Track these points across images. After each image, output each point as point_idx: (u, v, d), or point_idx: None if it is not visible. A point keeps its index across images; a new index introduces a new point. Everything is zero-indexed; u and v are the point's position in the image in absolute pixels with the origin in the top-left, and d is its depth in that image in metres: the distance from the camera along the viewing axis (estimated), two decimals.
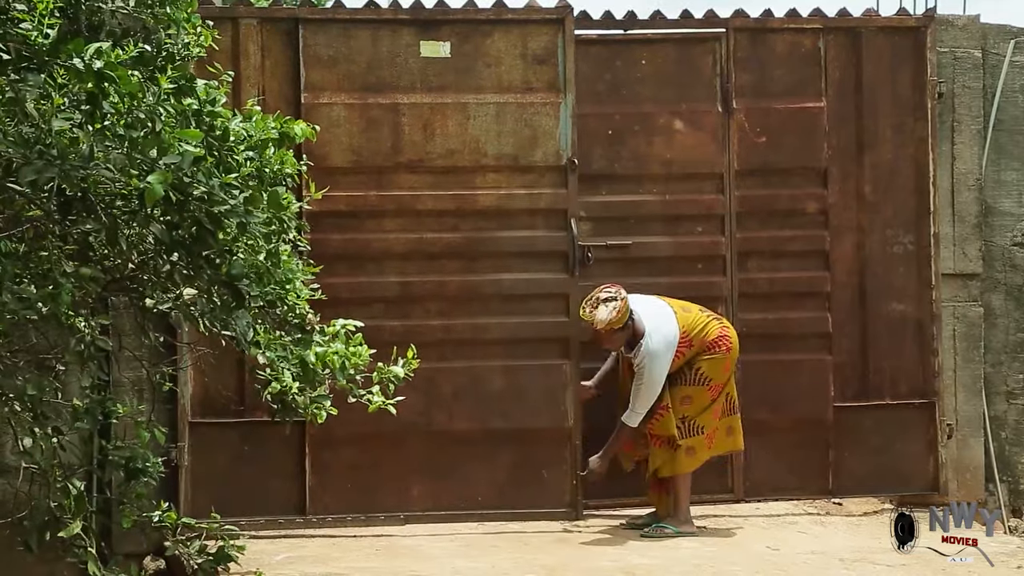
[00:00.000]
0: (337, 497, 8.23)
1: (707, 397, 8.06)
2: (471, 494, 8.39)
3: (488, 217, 8.52)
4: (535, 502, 8.43)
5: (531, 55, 8.49)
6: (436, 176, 8.46)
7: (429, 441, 8.33)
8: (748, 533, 8.35)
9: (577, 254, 8.40)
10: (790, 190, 8.88)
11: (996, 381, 9.16)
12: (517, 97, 8.50)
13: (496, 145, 8.50)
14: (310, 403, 5.51)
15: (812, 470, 8.84)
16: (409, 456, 8.31)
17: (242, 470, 8.00)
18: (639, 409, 7.94)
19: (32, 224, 5.13)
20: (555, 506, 8.43)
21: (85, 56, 4.53)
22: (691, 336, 7.96)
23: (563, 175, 8.49)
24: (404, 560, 7.41)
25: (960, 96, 9.12)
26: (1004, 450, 9.13)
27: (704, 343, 8.00)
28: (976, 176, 9.12)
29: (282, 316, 5.52)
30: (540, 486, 8.45)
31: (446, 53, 8.40)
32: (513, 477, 8.44)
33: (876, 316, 8.91)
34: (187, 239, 5.07)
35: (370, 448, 8.21)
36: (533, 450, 8.42)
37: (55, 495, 5.09)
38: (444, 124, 8.44)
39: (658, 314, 7.98)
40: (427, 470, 8.34)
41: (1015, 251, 9.19)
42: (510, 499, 8.41)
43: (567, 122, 8.48)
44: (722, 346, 8.03)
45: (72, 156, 4.60)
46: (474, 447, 8.39)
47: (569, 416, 8.43)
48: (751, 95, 8.86)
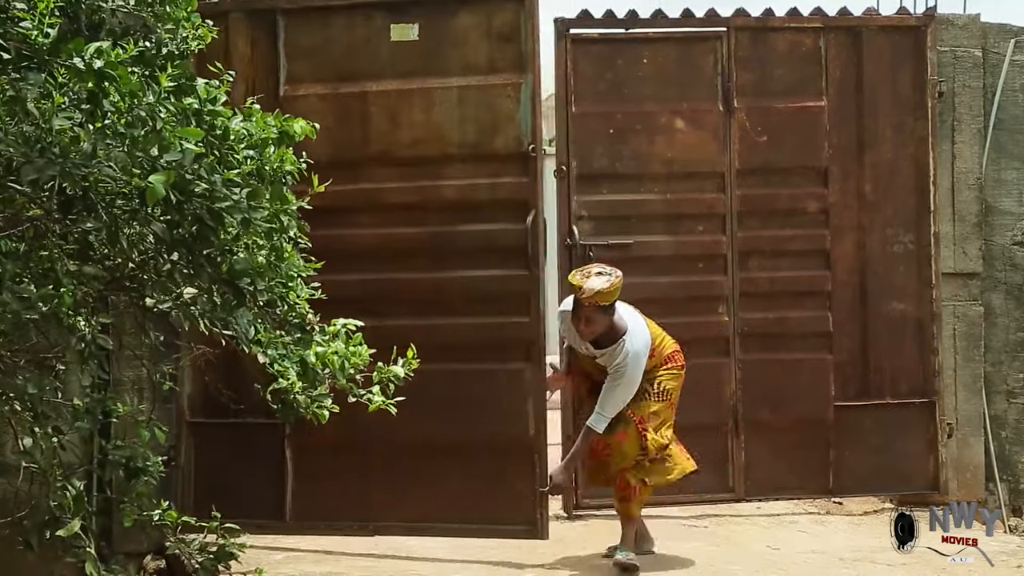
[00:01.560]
0: (316, 503, 7.89)
1: (670, 413, 7.50)
2: (430, 508, 7.80)
3: (452, 210, 7.85)
4: (495, 518, 7.71)
5: (495, 33, 7.82)
6: (402, 168, 7.91)
7: (386, 450, 7.73)
8: (748, 532, 8.36)
9: (537, 250, 7.67)
10: (791, 189, 8.89)
11: (996, 380, 9.16)
12: (480, 79, 7.83)
13: (459, 132, 7.87)
14: (311, 403, 5.51)
15: (812, 469, 8.84)
16: (371, 465, 7.84)
17: (230, 471, 7.89)
18: (608, 412, 7.25)
19: (32, 223, 5.13)
20: (516, 523, 7.69)
21: (85, 55, 4.53)
22: (655, 345, 7.41)
23: (524, 163, 7.75)
24: (405, 560, 7.41)
25: (960, 95, 9.13)
26: (1004, 449, 9.13)
27: (662, 356, 7.46)
28: (976, 175, 9.13)
29: (283, 315, 5.52)
30: (500, 500, 7.72)
31: (414, 36, 7.91)
32: (472, 491, 7.75)
33: (876, 315, 8.91)
34: (188, 237, 5.07)
35: (341, 455, 7.75)
36: (492, 462, 7.70)
37: (55, 494, 5.09)
38: (410, 111, 7.90)
39: (636, 317, 7.46)
40: (385, 481, 7.84)
41: (1015, 250, 9.20)
42: (469, 514, 7.75)
43: (527, 105, 7.72)
44: (678, 360, 7.52)
45: (74, 154, 4.60)
46: (430, 458, 7.76)
47: (531, 425, 7.69)
48: (752, 94, 8.87)
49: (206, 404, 7.79)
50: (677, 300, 8.72)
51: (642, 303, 8.57)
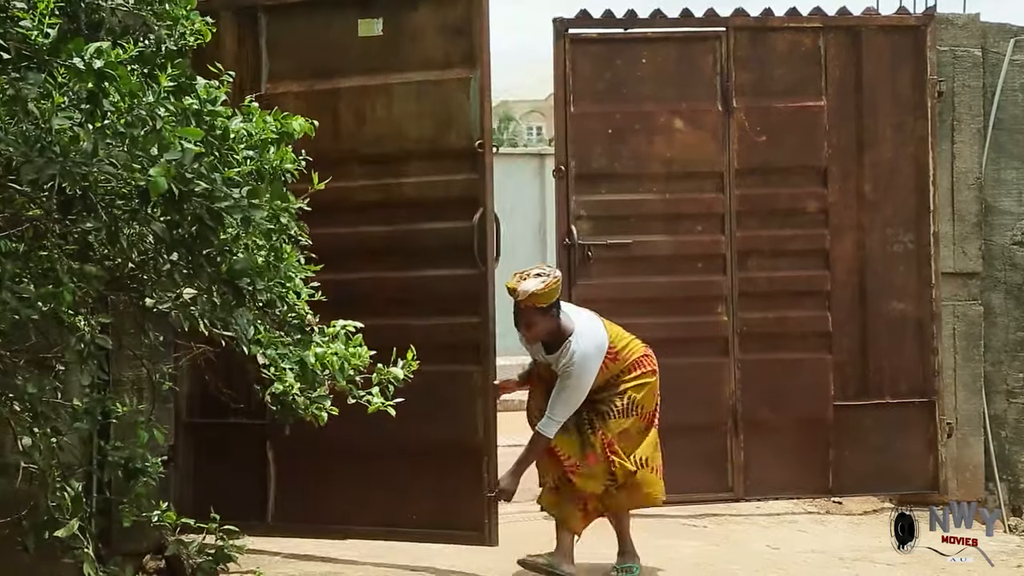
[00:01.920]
0: (294, 505, 7.69)
1: (640, 426, 7.10)
2: (388, 511, 7.52)
3: (412, 208, 7.57)
4: (445, 522, 7.42)
5: (449, 27, 7.53)
6: (368, 165, 7.65)
7: (345, 454, 7.45)
8: (748, 532, 8.36)
9: (486, 248, 7.34)
10: (790, 189, 8.88)
11: (996, 380, 9.17)
12: (437, 74, 7.55)
13: (418, 128, 7.59)
14: (310, 404, 5.50)
15: (812, 469, 8.83)
16: (332, 469, 7.61)
17: (219, 472, 7.77)
18: (558, 417, 6.91)
19: (32, 223, 5.12)
20: (465, 528, 7.37)
21: (85, 55, 4.52)
22: (617, 349, 7.04)
23: (473, 160, 7.41)
24: (406, 558, 7.41)
25: (960, 95, 9.13)
26: (1004, 449, 9.13)
27: (628, 360, 7.07)
28: (976, 175, 9.14)
29: (282, 316, 5.52)
30: (450, 505, 7.42)
31: (379, 31, 7.66)
32: (424, 495, 7.46)
33: (876, 315, 8.91)
34: (188, 237, 5.06)
35: (310, 458, 7.52)
36: (442, 465, 7.40)
37: (53, 495, 5.09)
38: (374, 108, 7.65)
39: (588, 319, 7.08)
40: (345, 484, 7.60)
41: (1015, 250, 9.20)
42: (422, 518, 7.47)
43: (476, 100, 7.40)
44: (647, 366, 7.14)
45: (73, 154, 4.60)
46: (386, 462, 7.47)
47: (479, 428, 7.35)
48: (751, 94, 8.87)
49: (200, 404, 7.74)
50: (676, 300, 8.73)
51: (641, 303, 8.61)
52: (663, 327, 8.69)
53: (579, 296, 8.60)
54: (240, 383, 6.90)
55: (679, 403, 8.64)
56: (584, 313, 7.13)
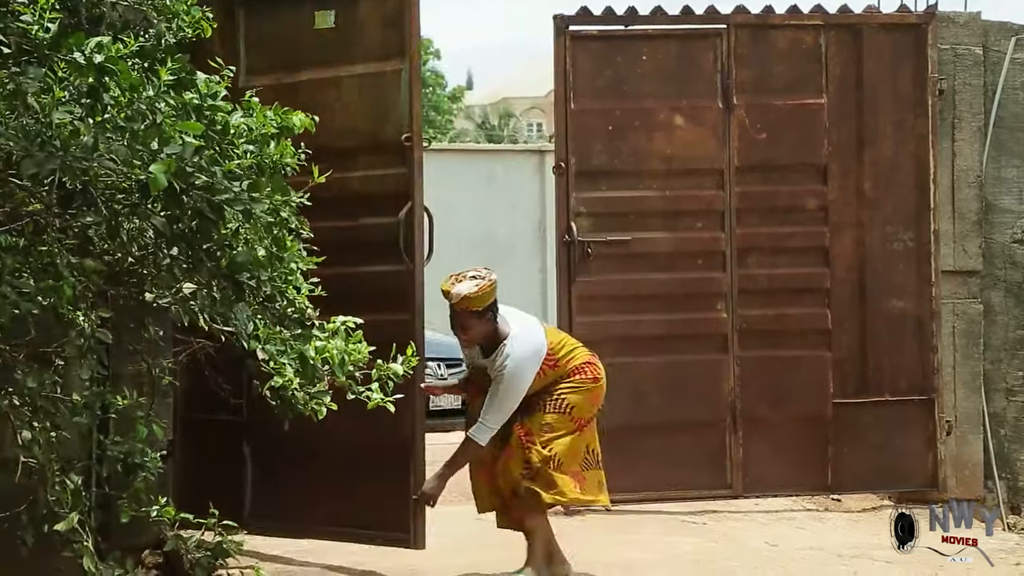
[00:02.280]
0: (267, 502, 7.56)
1: (570, 427, 6.82)
2: (329, 513, 7.32)
3: (356, 203, 7.36)
4: (375, 523, 7.20)
5: (387, 18, 7.35)
6: (323, 160, 6.97)
7: (298, 454, 7.31)
8: (747, 529, 8.37)
9: (412, 244, 7.12)
10: (790, 186, 8.89)
11: (995, 378, 9.17)
12: (376, 66, 7.35)
13: (361, 121, 7.39)
14: (310, 399, 5.51)
15: (811, 466, 8.83)
16: (282, 466, 7.47)
17: (206, 468, 7.68)
18: (491, 423, 6.69)
19: (32, 218, 5.13)
20: (393, 529, 7.14)
21: (86, 50, 4.53)
22: (557, 356, 6.82)
23: (403, 154, 7.19)
24: (403, 555, 7.41)
25: (961, 93, 9.13)
26: (1003, 447, 9.14)
27: (569, 367, 6.84)
28: (976, 173, 9.14)
29: (282, 310, 5.52)
30: (378, 507, 7.19)
31: (331, 23, 7.48)
32: (359, 496, 7.23)
33: (876, 313, 8.91)
34: (188, 232, 5.07)
35: (277, 458, 7.44)
36: (373, 466, 7.18)
37: (52, 489, 5.09)
38: (327, 101, 7.33)
39: (527, 322, 6.87)
40: (295, 482, 7.45)
41: (1015, 248, 9.20)
42: (356, 519, 7.25)
43: (406, 92, 7.18)
44: (588, 373, 6.88)
45: (74, 148, 4.60)
46: (326, 461, 7.29)
47: (405, 429, 7.07)
48: (752, 91, 8.87)
49: (197, 400, 7.68)
50: (676, 296, 8.73)
51: (641, 299, 8.62)
52: (663, 324, 8.71)
53: (579, 293, 8.63)
54: (228, 379, 6.91)
55: (678, 400, 8.69)
56: (525, 318, 6.94)
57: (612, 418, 8.51)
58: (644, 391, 8.72)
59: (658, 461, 8.69)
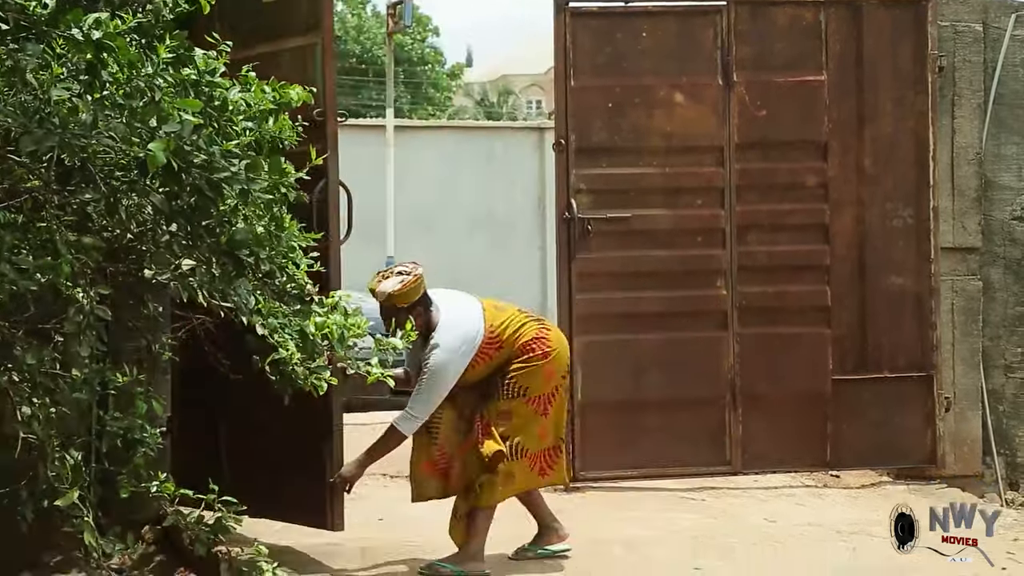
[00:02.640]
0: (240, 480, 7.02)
1: (528, 411, 6.74)
2: (253, 492, 6.71)
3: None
4: (296, 505, 7.01)
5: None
6: None
7: (248, 432, 7.15)
8: (746, 505, 8.38)
9: (327, 221, 6.83)
10: (790, 163, 8.88)
11: (994, 355, 9.18)
12: (301, 40, 7.09)
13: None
14: (310, 374, 5.51)
15: (810, 443, 8.84)
16: (242, 446, 7.25)
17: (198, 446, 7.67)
18: (417, 413, 6.61)
19: (31, 194, 5.13)
20: (312, 511, 6.96)
21: (84, 26, 4.53)
22: (502, 337, 6.73)
23: (318, 130, 6.77)
24: (402, 531, 7.43)
25: (961, 70, 9.12)
26: (1001, 423, 9.15)
27: (516, 346, 6.74)
28: (976, 150, 9.13)
29: (281, 286, 5.53)
30: (299, 488, 6.99)
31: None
32: (278, 477, 7.04)
33: (875, 290, 8.91)
34: (187, 208, 5.07)
35: (236, 437, 7.30)
36: (296, 448, 6.96)
37: (52, 465, 5.10)
38: (270, 75, 6.45)
39: (461, 309, 6.78)
40: (234, 457, 7.24)
41: (1014, 225, 9.20)
42: (279, 499, 7.04)
43: (318, 67, 6.91)
44: (537, 350, 6.75)
45: (72, 125, 4.60)
46: (264, 440, 7.08)
47: (321, 411, 6.76)
48: (752, 68, 8.85)
49: (191, 376, 7.59)
50: (675, 274, 8.73)
51: (640, 276, 8.62)
52: (662, 301, 8.71)
53: (578, 270, 8.62)
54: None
55: (678, 377, 8.70)
56: (460, 301, 6.86)
57: (612, 395, 8.56)
58: (644, 368, 8.72)
59: (657, 438, 8.70)
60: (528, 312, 6.98)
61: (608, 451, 8.65)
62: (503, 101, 52.69)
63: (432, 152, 25.90)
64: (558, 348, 6.84)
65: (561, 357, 6.85)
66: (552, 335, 6.87)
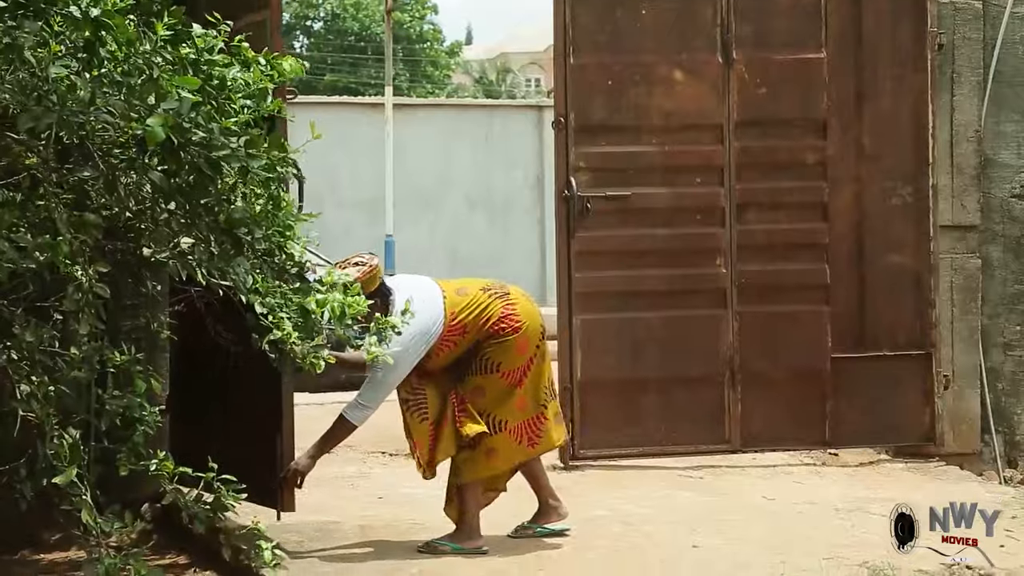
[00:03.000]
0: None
1: (502, 384, 6.65)
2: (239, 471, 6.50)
3: None
4: (247, 483, 6.41)
5: None
6: None
7: (217, 414, 7.09)
8: (744, 483, 8.38)
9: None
10: (789, 141, 8.87)
11: (993, 333, 9.17)
12: (258, 16, 6.92)
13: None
14: (308, 352, 5.51)
15: (809, 421, 8.85)
16: (215, 429, 7.04)
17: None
18: (365, 401, 6.54)
19: (29, 172, 5.12)
20: (262, 491, 6.66)
21: (82, 3, 4.52)
22: (464, 323, 6.61)
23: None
24: (402, 509, 7.44)
25: (960, 47, 9.09)
26: (1000, 401, 9.15)
27: (484, 328, 6.63)
28: (975, 128, 9.11)
29: (280, 264, 5.52)
30: (250, 469, 6.52)
31: None
32: (233, 454, 6.52)
33: (874, 268, 8.91)
34: (185, 186, 5.07)
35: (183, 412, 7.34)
36: (256, 435, 6.77)
37: (51, 443, 5.10)
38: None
39: (419, 300, 6.57)
40: (215, 444, 6.61)
41: (1013, 203, 9.19)
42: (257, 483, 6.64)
43: (270, 42, 6.52)
44: (507, 325, 6.63)
45: (70, 102, 4.60)
46: (207, 417, 7.13)
47: (271, 401, 6.68)
48: (751, 46, 8.83)
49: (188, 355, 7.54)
50: (675, 252, 8.72)
51: (639, 255, 8.62)
52: (661, 279, 8.71)
53: (577, 248, 8.62)
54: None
55: (677, 355, 8.70)
56: (420, 290, 6.70)
57: (611, 373, 8.57)
58: (643, 346, 8.72)
59: (656, 416, 8.71)
60: (491, 288, 6.79)
61: (607, 429, 8.66)
62: (502, 79, 52.64)
63: (431, 130, 25.87)
64: (527, 320, 6.69)
65: (531, 328, 6.70)
66: (519, 308, 6.71)
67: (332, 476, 8.34)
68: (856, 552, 6.54)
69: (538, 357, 6.74)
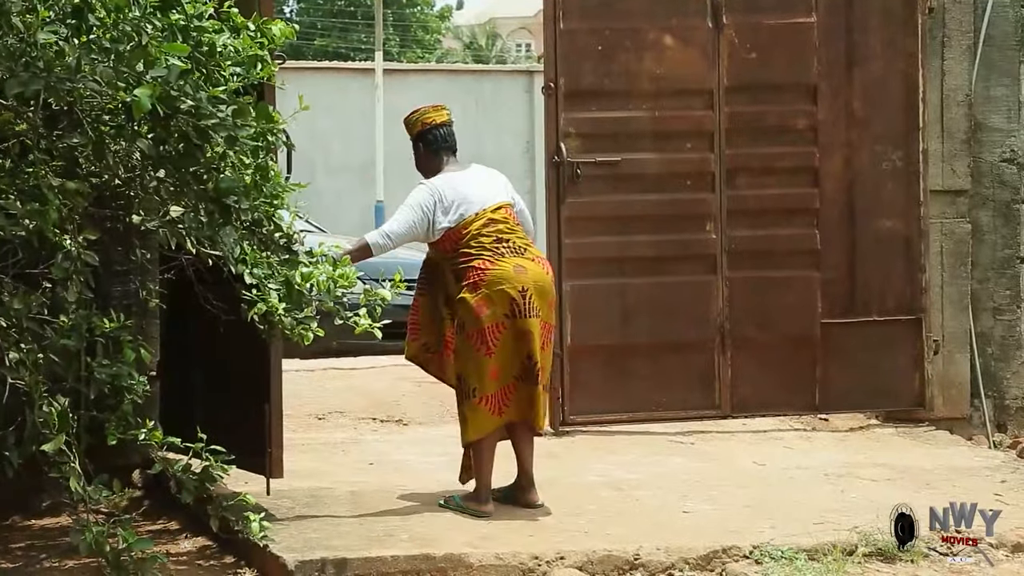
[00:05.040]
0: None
1: (468, 346, 6.55)
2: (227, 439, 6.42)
3: None
4: (236, 451, 6.25)
5: None
6: None
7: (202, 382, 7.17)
8: (734, 448, 8.40)
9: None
10: (779, 106, 8.85)
11: (983, 297, 9.17)
12: None
13: None
14: (296, 324, 5.50)
15: (799, 386, 8.85)
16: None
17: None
18: (389, 228, 6.68)
19: (18, 139, 5.11)
20: (254, 469, 6.69)
21: None
22: (465, 235, 6.59)
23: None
24: (393, 475, 7.45)
25: (950, 11, 9.06)
26: (990, 366, 9.15)
27: (463, 266, 6.60)
28: (966, 92, 9.09)
29: (268, 235, 5.51)
30: (238, 435, 6.42)
31: None
32: (221, 421, 6.49)
33: (864, 233, 8.90)
34: (174, 154, 5.05)
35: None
36: (235, 396, 6.78)
37: (39, 411, 5.10)
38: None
39: (465, 176, 6.86)
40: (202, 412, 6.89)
41: (1004, 167, 9.17)
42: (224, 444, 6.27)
43: (256, 6, 6.11)
44: (470, 279, 6.54)
45: (58, 69, 4.58)
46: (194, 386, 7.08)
47: (257, 369, 6.56)
48: (741, 10, 8.80)
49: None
50: (665, 217, 8.71)
51: (630, 220, 8.61)
52: (652, 245, 8.70)
53: (567, 214, 8.60)
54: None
55: (667, 321, 8.70)
56: (476, 181, 6.87)
57: (601, 339, 8.56)
58: (633, 312, 8.71)
59: (647, 382, 8.71)
60: (523, 247, 6.68)
61: (597, 395, 8.66)
62: (491, 44, 52.47)
63: (421, 95, 25.58)
64: (497, 287, 6.48)
65: (498, 295, 6.48)
66: (496, 270, 6.51)
67: (323, 442, 8.36)
68: (846, 517, 6.56)
69: (507, 327, 6.49)
